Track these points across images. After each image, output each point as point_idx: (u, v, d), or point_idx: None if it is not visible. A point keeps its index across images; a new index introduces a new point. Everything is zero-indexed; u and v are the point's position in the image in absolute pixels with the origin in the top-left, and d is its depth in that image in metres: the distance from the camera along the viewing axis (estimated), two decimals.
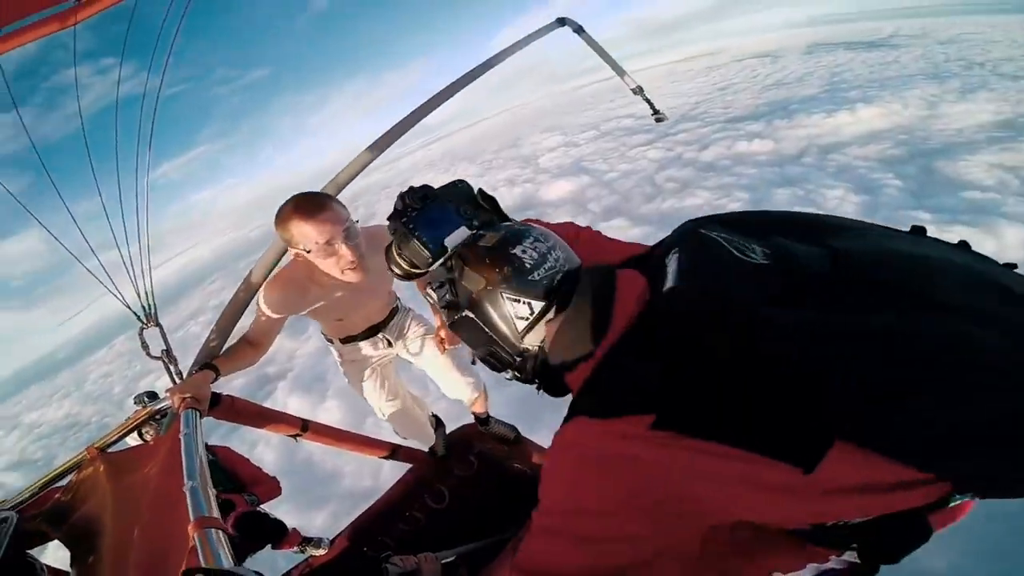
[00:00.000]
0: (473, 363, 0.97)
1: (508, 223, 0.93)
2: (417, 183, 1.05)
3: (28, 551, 1.44)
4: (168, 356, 1.75)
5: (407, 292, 2.11)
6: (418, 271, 1.00)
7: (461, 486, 2.50)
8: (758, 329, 0.62)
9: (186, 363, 1.79)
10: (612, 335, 0.74)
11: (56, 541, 1.44)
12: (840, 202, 9.48)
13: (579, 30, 3.14)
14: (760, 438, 0.59)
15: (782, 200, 10.41)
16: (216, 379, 1.66)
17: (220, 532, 0.89)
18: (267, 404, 2.15)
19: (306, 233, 1.50)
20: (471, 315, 0.84)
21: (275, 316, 1.73)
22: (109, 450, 1.62)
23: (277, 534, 2.25)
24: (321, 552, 2.38)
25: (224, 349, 1.78)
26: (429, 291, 0.95)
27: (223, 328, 1.83)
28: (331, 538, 2.40)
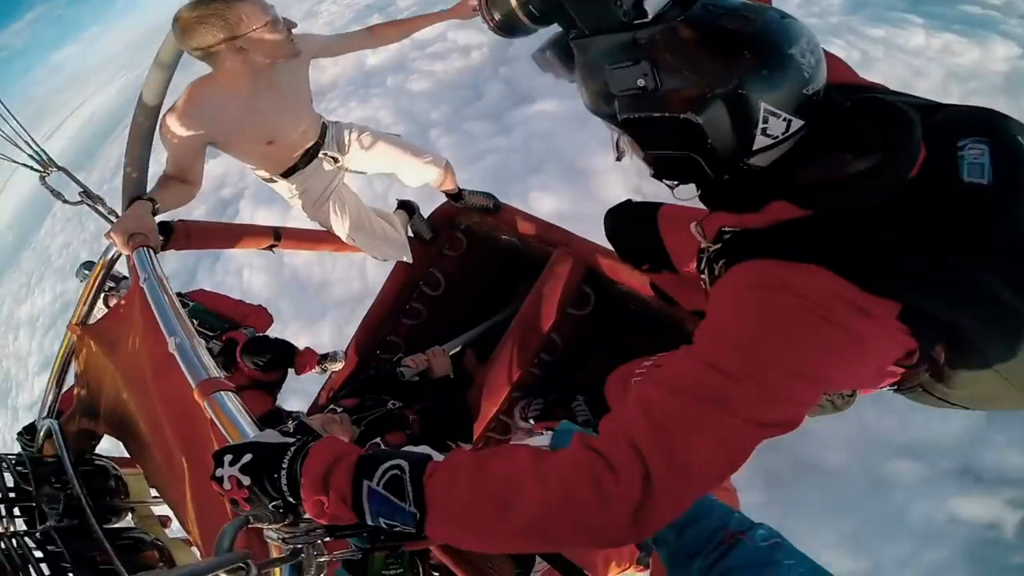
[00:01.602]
0: (618, 159, 0.84)
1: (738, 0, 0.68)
2: None
3: (93, 453, 1.42)
4: (89, 196, 1.52)
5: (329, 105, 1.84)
6: (527, 24, 0.77)
7: (453, 267, 2.50)
8: None
9: (116, 206, 1.56)
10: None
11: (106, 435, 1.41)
12: None
13: None
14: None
15: None
16: (156, 210, 1.47)
17: (230, 394, 0.81)
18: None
19: (254, 11, 1.40)
20: (692, 118, 0.65)
21: (189, 135, 1.50)
22: (90, 321, 1.47)
23: (289, 353, 2.30)
24: (339, 365, 2.43)
25: (151, 188, 1.56)
26: (548, 56, 0.76)
27: (136, 157, 1.56)
28: (344, 350, 2.46)
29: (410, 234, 2.40)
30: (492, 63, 7.34)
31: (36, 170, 1.50)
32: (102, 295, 1.78)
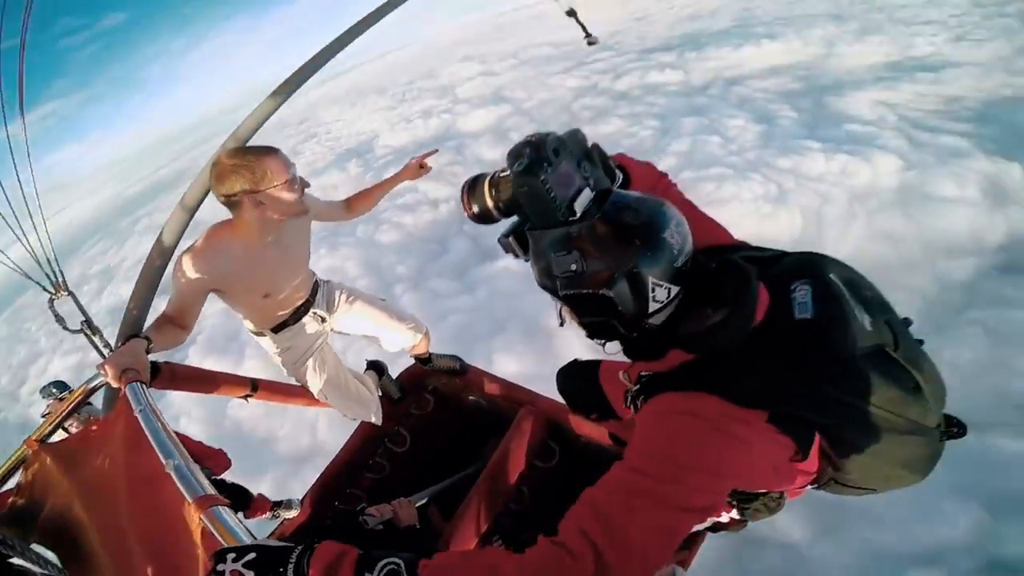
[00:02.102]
0: (561, 325, 1.03)
1: (634, 194, 0.93)
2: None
3: (9, 560, 1.33)
4: (90, 326, 1.61)
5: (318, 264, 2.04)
6: (497, 216, 1.01)
7: (420, 426, 2.53)
8: (857, 376, 0.86)
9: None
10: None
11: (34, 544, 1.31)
12: (740, 131, 10.01)
13: None
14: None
15: (689, 128, 10.74)
16: (149, 350, 1.51)
17: (225, 509, 0.86)
18: None
19: (278, 168, 1.55)
20: (607, 293, 0.85)
21: (198, 278, 1.60)
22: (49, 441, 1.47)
23: (244, 499, 2.21)
24: (293, 513, 2.33)
25: (147, 327, 1.63)
26: (511, 242, 0.96)
27: (141, 297, 1.69)
28: (300, 498, 2.36)
29: (379, 393, 2.46)
30: (459, 218, 7.90)
31: (47, 291, 1.57)
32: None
